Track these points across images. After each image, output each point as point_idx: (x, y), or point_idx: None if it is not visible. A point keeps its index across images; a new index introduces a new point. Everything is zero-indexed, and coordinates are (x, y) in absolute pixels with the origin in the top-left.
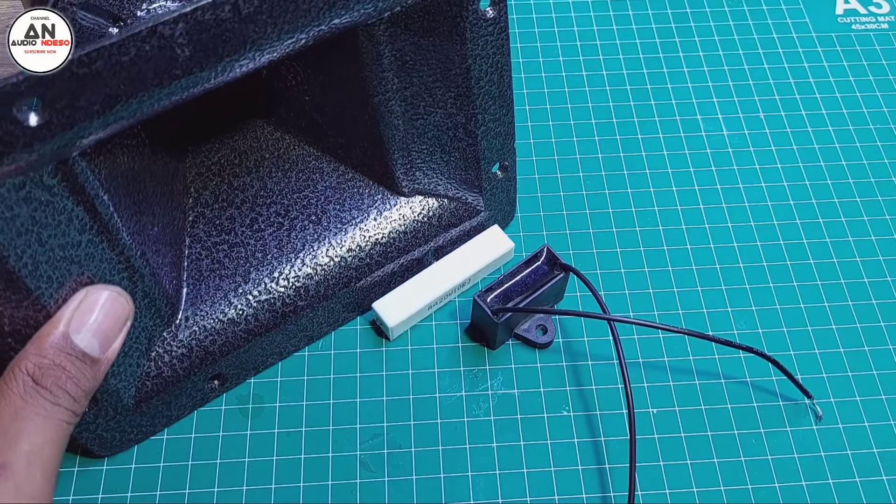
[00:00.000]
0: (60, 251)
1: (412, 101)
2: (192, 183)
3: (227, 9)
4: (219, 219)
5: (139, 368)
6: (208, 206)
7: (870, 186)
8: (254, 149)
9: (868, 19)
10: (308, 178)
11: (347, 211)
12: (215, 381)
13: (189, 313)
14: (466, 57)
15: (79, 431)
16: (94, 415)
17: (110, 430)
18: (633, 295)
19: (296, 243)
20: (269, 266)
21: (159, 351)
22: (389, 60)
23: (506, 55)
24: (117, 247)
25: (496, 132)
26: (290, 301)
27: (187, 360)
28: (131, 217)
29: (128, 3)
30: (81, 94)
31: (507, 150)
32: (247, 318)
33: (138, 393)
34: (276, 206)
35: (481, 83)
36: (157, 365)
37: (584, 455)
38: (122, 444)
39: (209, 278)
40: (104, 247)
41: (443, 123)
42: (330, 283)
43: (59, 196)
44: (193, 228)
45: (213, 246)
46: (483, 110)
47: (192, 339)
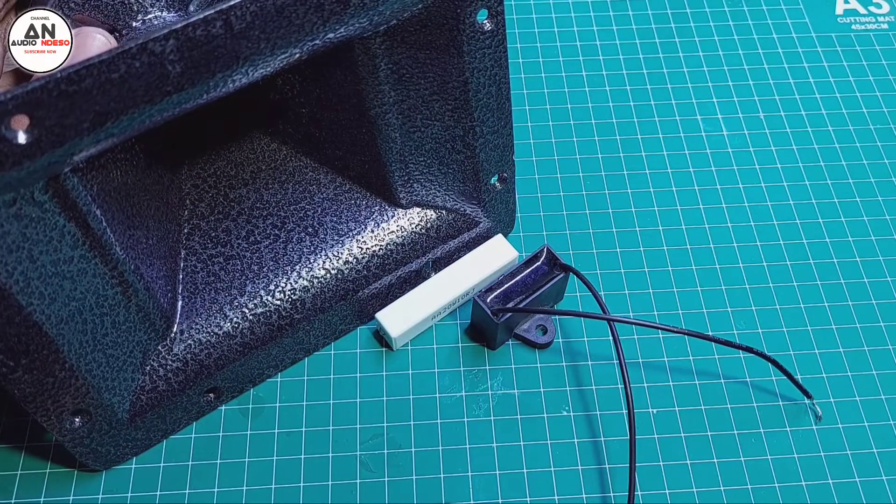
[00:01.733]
0: (52, 267)
1: (409, 114)
2: (189, 194)
3: (218, 25)
4: (215, 231)
5: (134, 382)
6: (204, 217)
7: (870, 186)
8: (251, 160)
9: (868, 19)
10: (305, 189)
11: (344, 223)
12: (211, 395)
13: (184, 326)
14: (464, 70)
15: (73, 446)
16: (89, 429)
17: (105, 444)
18: (633, 295)
19: (292, 255)
20: (265, 279)
21: (154, 365)
22: (386, 73)
23: (504, 68)
24: (111, 262)
25: (494, 144)
26: (287, 314)
27: (182, 373)
28: (125, 231)
29: (124, 14)
30: (71, 112)
31: (506, 161)
32: (242, 332)
33: (133, 407)
34: (272, 217)
35: (479, 96)
36: (152, 378)
37: (584, 455)
38: (118, 457)
39: (204, 291)
40: (97, 262)
41: (440, 136)
42: (327, 295)
43: (50, 212)
44: (189, 241)
45: (208, 258)
46: (481, 123)
47: (187, 352)
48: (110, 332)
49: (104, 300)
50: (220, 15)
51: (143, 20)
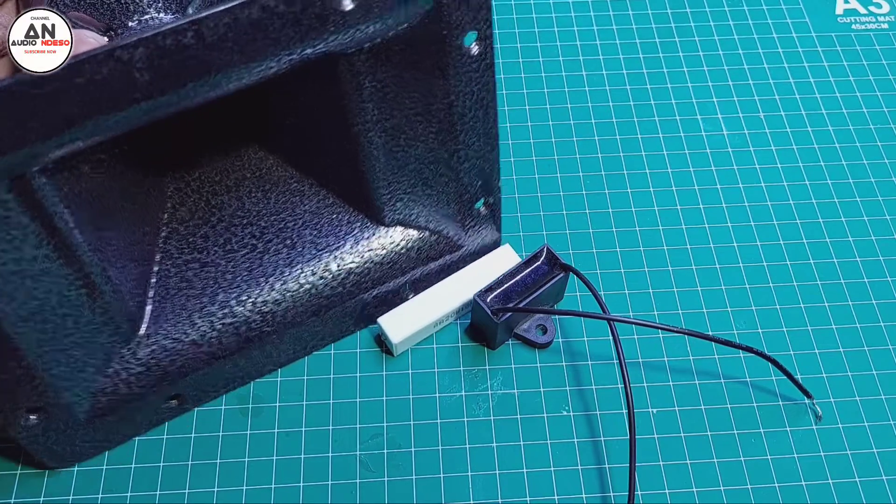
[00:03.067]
0: (13, 265)
1: (393, 133)
2: (171, 198)
3: (189, 35)
4: (192, 236)
5: (94, 384)
6: (183, 222)
7: (870, 186)
8: (236, 167)
9: (868, 19)
10: (287, 200)
11: (324, 237)
12: (174, 401)
13: (151, 331)
14: (449, 92)
15: (28, 443)
16: (45, 427)
17: (61, 443)
18: (633, 295)
19: (267, 267)
20: (237, 289)
21: (117, 368)
22: (370, 90)
23: (491, 92)
24: (75, 263)
25: (480, 169)
26: (256, 326)
27: (145, 378)
28: (94, 232)
29: (120, 13)
30: (34, 116)
31: (492, 187)
32: (210, 341)
33: (92, 409)
34: (252, 227)
35: (465, 119)
36: (114, 381)
37: (584, 455)
38: (74, 457)
39: (175, 297)
40: (61, 263)
41: (425, 157)
42: (298, 310)
43: (14, 211)
44: (166, 244)
45: (183, 263)
46: (466, 146)
47: (151, 357)
48: (72, 333)
49: (67, 300)
50: (191, 25)
51: (140, 20)
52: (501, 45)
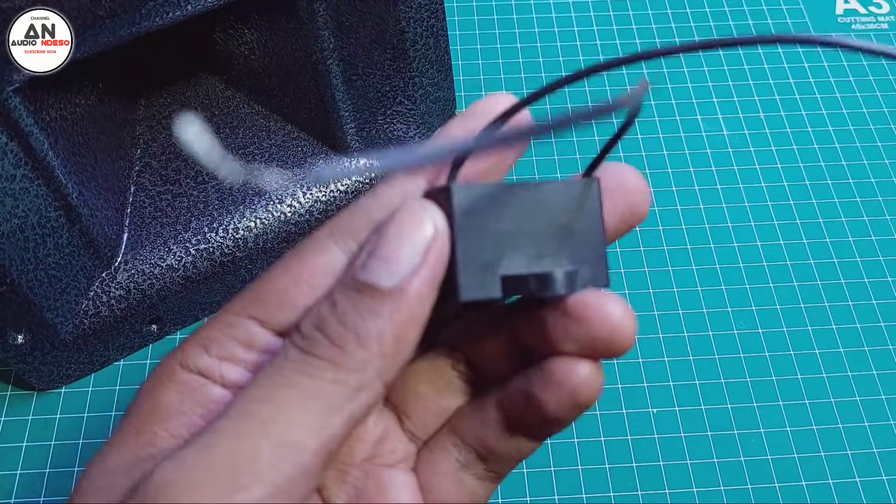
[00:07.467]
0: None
1: (350, 62)
2: (142, 135)
3: None
4: (165, 169)
5: (77, 306)
6: (155, 157)
7: (870, 186)
8: (205, 105)
9: (868, 19)
10: (255, 135)
11: (290, 168)
12: (154, 326)
13: (129, 257)
14: (400, 19)
15: (16, 362)
16: (31, 347)
17: (48, 363)
18: (633, 295)
19: (237, 196)
20: (209, 216)
21: (97, 291)
22: (325, 19)
23: (441, 19)
24: (53, 184)
25: (436, 97)
26: (229, 251)
27: (125, 301)
28: (70, 157)
29: None
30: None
31: (449, 117)
32: (185, 265)
33: (76, 330)
34: None
35: (416, 46)
36: (95, 304)
37: (584, 455)
38: (61, 378)
39: (150, 225)
40: (39, 183)
41: (382, 86)
42: (269, 236)
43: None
44: (140, 178)
45: (157, 195)
46: (420, 74)
47: (129, 281)
48: (53, 254)
49: (46, 221)
50: None
51: None
52: (502, 46)
